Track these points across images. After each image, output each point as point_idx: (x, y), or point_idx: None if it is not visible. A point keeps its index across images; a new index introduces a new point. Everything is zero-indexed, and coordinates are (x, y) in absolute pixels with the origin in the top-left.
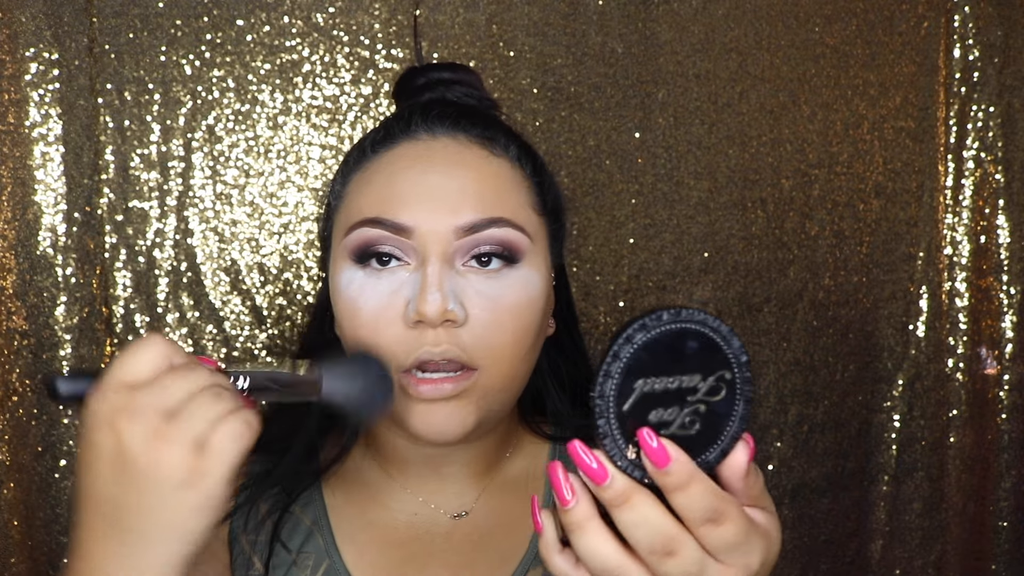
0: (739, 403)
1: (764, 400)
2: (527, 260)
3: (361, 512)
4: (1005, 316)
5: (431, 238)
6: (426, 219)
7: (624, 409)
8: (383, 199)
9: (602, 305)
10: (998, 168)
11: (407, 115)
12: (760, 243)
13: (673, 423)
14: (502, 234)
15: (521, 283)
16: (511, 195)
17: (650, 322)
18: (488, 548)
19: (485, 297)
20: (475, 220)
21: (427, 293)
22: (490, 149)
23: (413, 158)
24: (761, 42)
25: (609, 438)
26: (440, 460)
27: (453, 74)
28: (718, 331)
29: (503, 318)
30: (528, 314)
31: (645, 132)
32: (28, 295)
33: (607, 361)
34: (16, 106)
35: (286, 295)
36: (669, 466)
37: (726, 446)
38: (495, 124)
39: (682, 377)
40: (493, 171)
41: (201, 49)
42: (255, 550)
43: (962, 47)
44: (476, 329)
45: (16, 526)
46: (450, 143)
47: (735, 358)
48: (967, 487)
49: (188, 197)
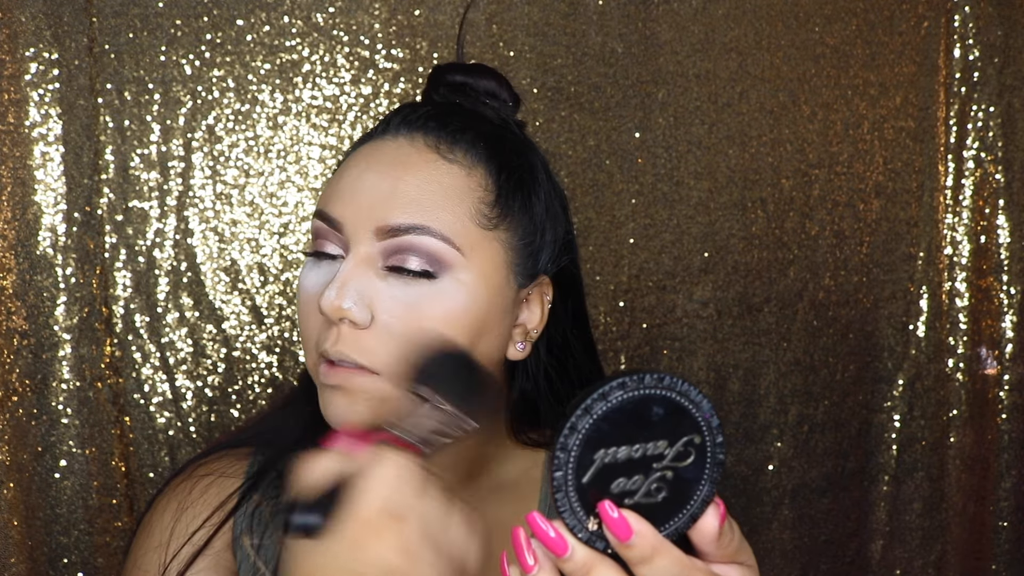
0: (709, 467)
1: (764, 400)
2: (454, 273)
3: None
4: (1005, 316)
5: (356, 235)
6: (352, 215)
7: (584, 481)
8: (330, 193)
9: (602, 305)
10: (998, 168)
11: (392, 115)
12: (760, 243)
13: (637, 492)
14: (423, 242)
15: (443, 295)
16: (449, 204)
17: (609, 391)
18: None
19: (398, 303)
20: (397, 224)
21: (328, 289)
22: (443, 154)
23: (364, 156)
24: (761, 42)
25: (568, 511)
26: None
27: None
28: (686, 395)
29: (413, 327)
30: (446, 328)
31: (645, 132)
32: (28, 295)
33: (564, 433)
34: (16, 106)
35: (286, 295)
36: (632, 539)
37: (696, 510)
38: (469, 129)
39: (646, 444)
40: (435, 177)
41: (201, 49)
42: (259, 554)
43: (962, 47)
44: (382, 335)
45: (16, 526)
46: (404, 144)
47: (705, 422)
48: (967, 487)
49: (188, 197)
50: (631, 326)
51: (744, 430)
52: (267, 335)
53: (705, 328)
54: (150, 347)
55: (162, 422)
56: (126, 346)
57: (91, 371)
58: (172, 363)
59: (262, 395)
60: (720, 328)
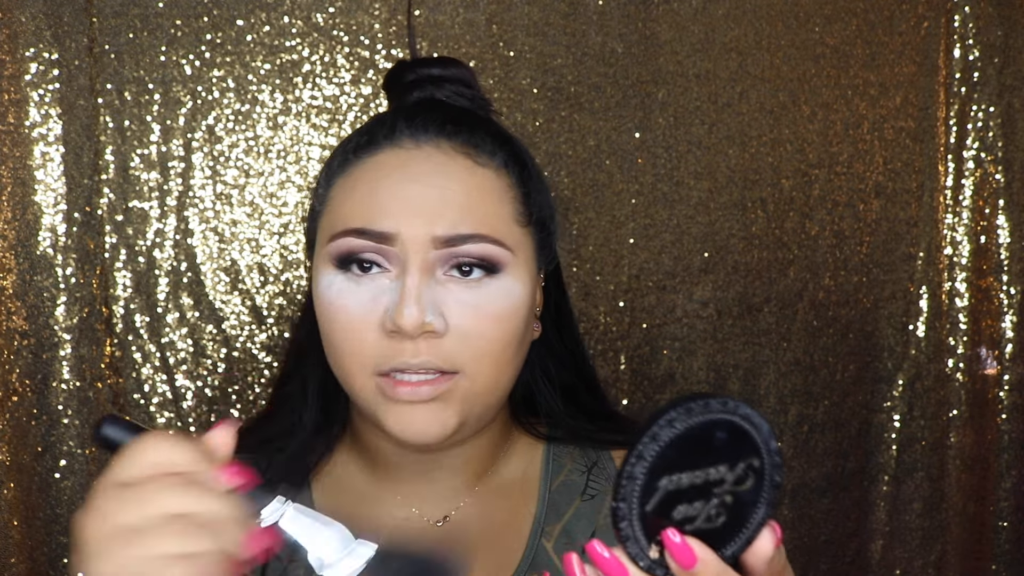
0: (766, 489)
1: (764, 400)
2: (508, 271)
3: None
4: (1005, 316)
5: (411, 246)
6: (407, 227)
7: (648, 509)
8: (366, 208)
9: (602, 305)
10: (998, 168)
11: (391, 120)
12: (760, 243)
13: (698, 517)
14: (480, 249)
15: (502, 292)
16: (493, 208)
17: (676, 416)
18: (481, 554)
19: (466, 306)
20: (454, 233)
21: (404, 306)
22: (474, 159)
23: (395, 166)
24: (761, 42)
25: (631, 540)
26: (430, 465)
27: (443, 70)
28: (748, 418)
29: (484, 326)
30: (509, 322)
31: (645, 132)
32: (28, 295)
33: (631, 462)
34: (16, 106)
35: (286, 295)
36: (696, 566)
37: (752, 534)
38: (484, 129)
39: (709, 470)
40: (476, 182)
41: (201, 49)
42: None
43: (962, 47)
44: (458, 337)
45: (16, 526)
46: (433, 152)
47: (764, 444)
48: (967, 487)
49: (188, 197)
50: (631, 326)
51: None
52: (267, 335)
53: (705, 328)
54: (150, 347)
55: (162, 422)
56: (126, 346)
57: (91, 371)
58: (172, 363)
59: (262, 395)
60: (720, 328)
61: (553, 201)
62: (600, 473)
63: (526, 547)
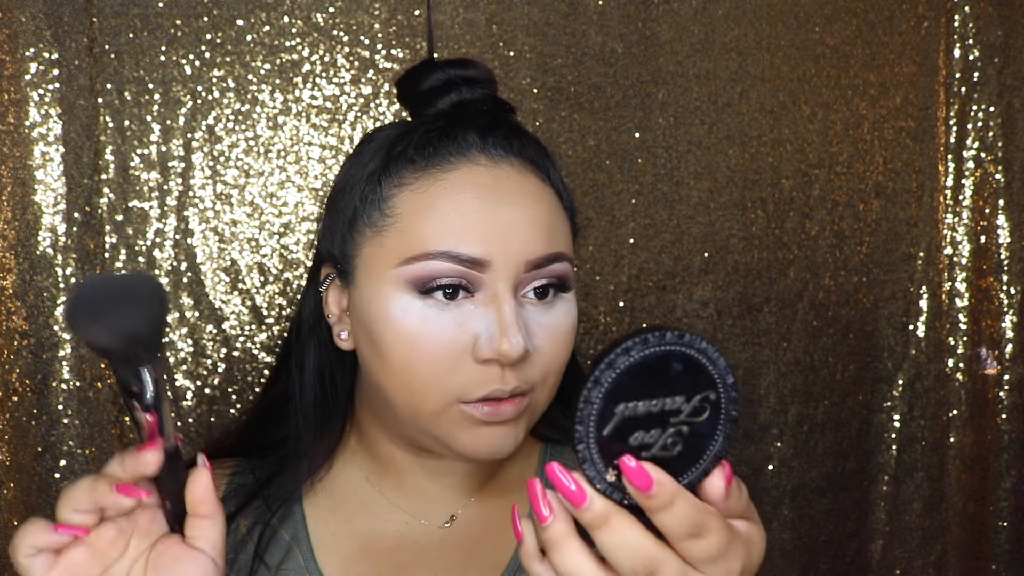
0: (723, 423)
1: (764, 400)
2: (571, 287)
3: (346, 523)
4: (1005, 316)
5: (504, 272)
6: (500, 252)
7: (604, 433)
8: (454, 230)
9: (602, 305)
10: (998, 168)
11: (457, 132)
12: (760, 243)
13: (654, 445)
14: (561, 269)
15: (568, 310)
16: (563, 227)
17: (633, 346)
18: (478, 556)
19: (545, 328)
20: (544, 254)
21: (511, 335)
22: (540, 176)
23: (480, 186)
24: (761, 42)
25: (588, 462)
26: (443, 472)
27: (477, 72)
28: (704, 352)
29: (559, 347)
30: (573, 338)
31: (645, 132)
32: (28, 295)
33: (587, 387)
34: (16, 106)
35: (286, 295)
36: (652, 490)
37: (708, 465)
38: (537, 145)
39: (664, 400)
40: (549, 201)
41: (201, 49)
42: (233, 569)
43: (962, 47)
44: (538, 359)
45: (16, 526)
46: (510, 171)
47: (720, 379)
48: (967, 487)
49: (188, 197)
50: (631, 326)
51: (744, 430)
52: (267, 335)
53: (705, 328)
54: None
55: None
56: None
57: (91, 371)
58: (172, 363)
59: None
60: (720, 328)
61: None
62: None
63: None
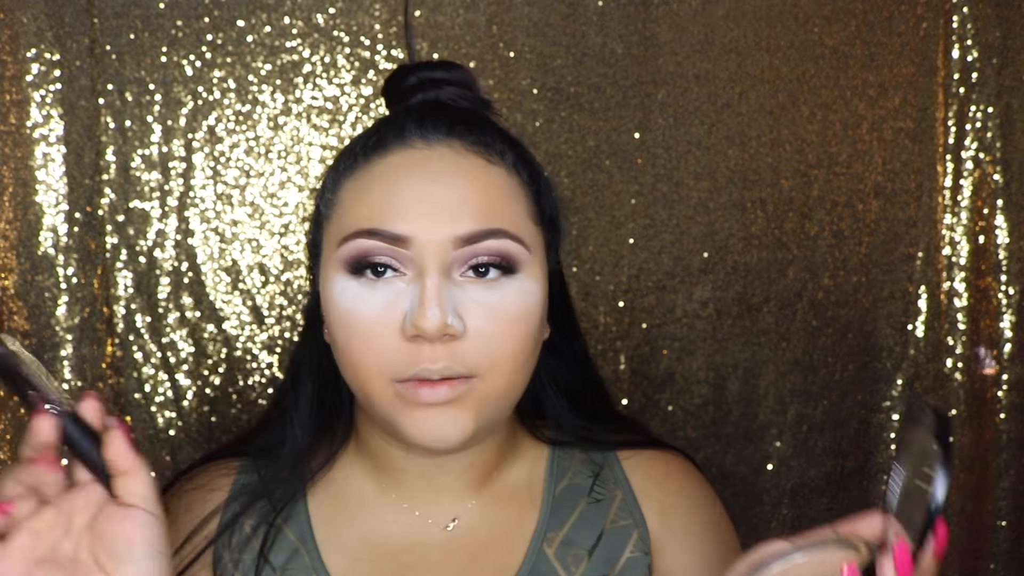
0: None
1: (763, 400)
2: (524, 270)
3: (350, 524)
4: (1004, 316)
5: (429, 248)
6: (424, 229)
7: None
8: (380, 209)
9: (602, 305)
10: (997, 168)
11: (400, 120)
12: (760, 243)
13: None
14: (500, 245)
15: (519, 293)
16: (509, 205)
17: None
18: (484, 559)
19: (484, 307)
20: (473, 231)
21: (426, 308)
22: (487, 157)
23: (410, 167)
24: (761, 42)
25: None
26: (435, 471)
27: (446, 73)
28: None
29: (502, 328)
30: (526, 324)
31: (645, 132)
32: (29, 295)
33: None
34: (17, 107)
35: (286, 295)
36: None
37: None
38: (491, 129)
39: None
40: (491, 180)
41: (202, 50)
42: (239, 569)
43: (961, 48)
44: (476, 340)
45: None
46: (447, 151)
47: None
48: (966, 487)
49: (189, 197)
50: (631, 326)
51: (743, 430)
52: (268, 335)
53: (705, 328)
54: (151, 347)
55: (163, 422)
56: (127, 346)
57: (92, 371)
58: (173, 363)
59: (262, 395)
60: (720, 328)
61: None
62: (607, 477)
63: (527, 552)
